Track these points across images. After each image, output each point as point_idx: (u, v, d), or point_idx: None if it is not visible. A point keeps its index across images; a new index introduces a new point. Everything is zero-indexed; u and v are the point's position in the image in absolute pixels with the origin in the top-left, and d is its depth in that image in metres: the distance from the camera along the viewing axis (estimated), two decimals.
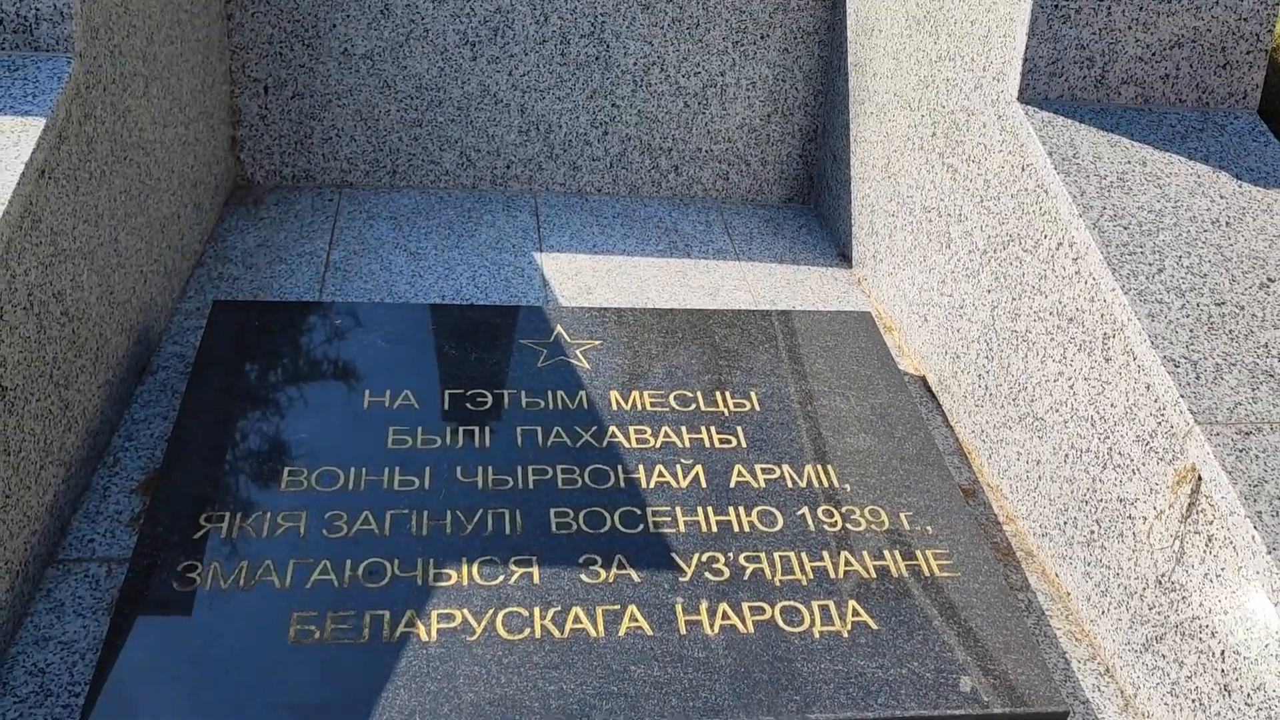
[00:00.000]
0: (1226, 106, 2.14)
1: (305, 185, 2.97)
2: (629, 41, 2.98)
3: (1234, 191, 1.98)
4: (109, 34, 2.00)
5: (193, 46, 2.54)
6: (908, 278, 2.57)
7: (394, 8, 2.86)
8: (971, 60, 2.26)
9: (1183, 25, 2.07)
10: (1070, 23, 2.05)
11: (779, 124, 3.12)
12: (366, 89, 2.92)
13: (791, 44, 3.04)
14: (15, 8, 1.80)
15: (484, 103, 2.98)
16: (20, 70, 1.79)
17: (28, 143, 1.68)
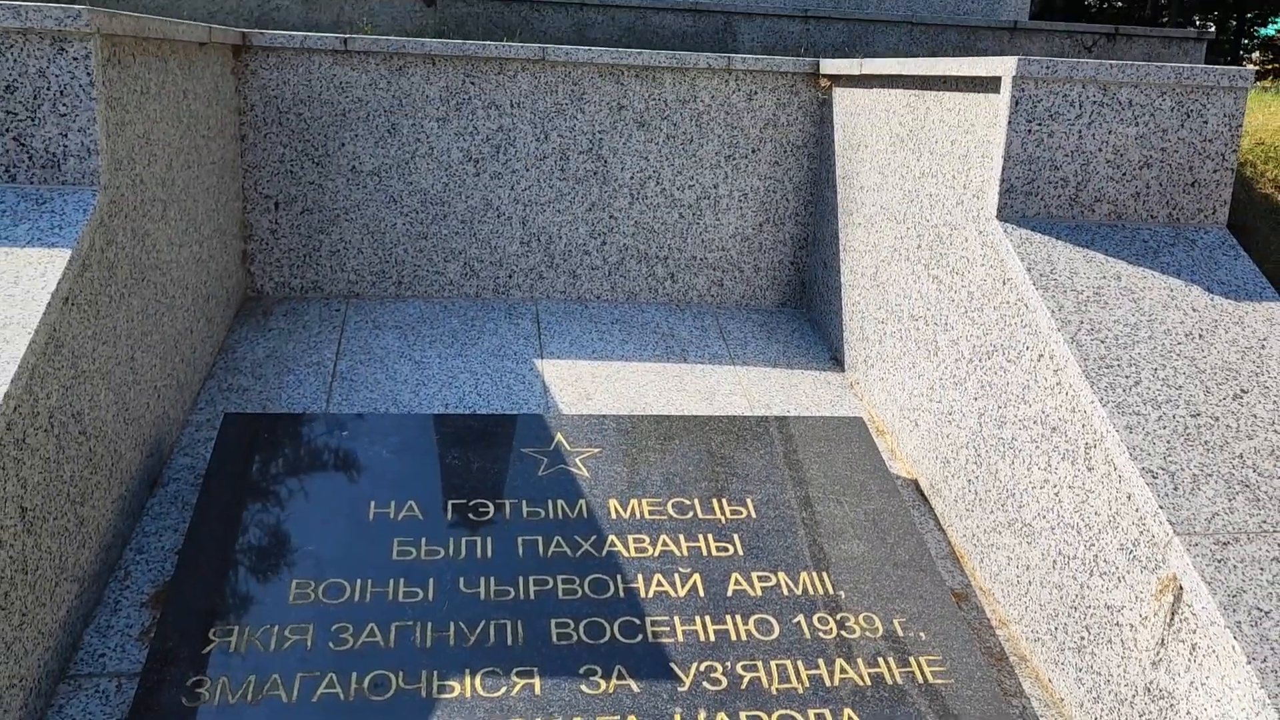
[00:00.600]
0: (1196, 222, 2.24)
1: (313, 296, 3.07)
2: (626, 157, 3.10)
3: (1206, 305, 2.06)
4: (131, 164, 2.11)
5: (208, 168, 2.65)
6: (898, 383, 2.64)
7: (400, 127, 2.99)
8: (953, 178, 2.37)
9: (1151, 147, 2.18)
10: (1044, 146, 2.16)
11: (771, 233, 3.23)
12: (374, 204, 3.03)
13: (782, 158, 3.17)
14: (45, 145, 1.91)
15: (487, 216, 3.09)
16: (48, 203, 1.89)
17: (54, 273, 1.76)
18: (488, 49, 2.98)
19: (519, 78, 3.02)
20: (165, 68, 2.31)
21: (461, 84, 3.00)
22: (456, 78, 2.99)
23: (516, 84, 3.02)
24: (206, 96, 2.63)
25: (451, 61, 2.98)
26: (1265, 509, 1.69)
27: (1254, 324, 2.04)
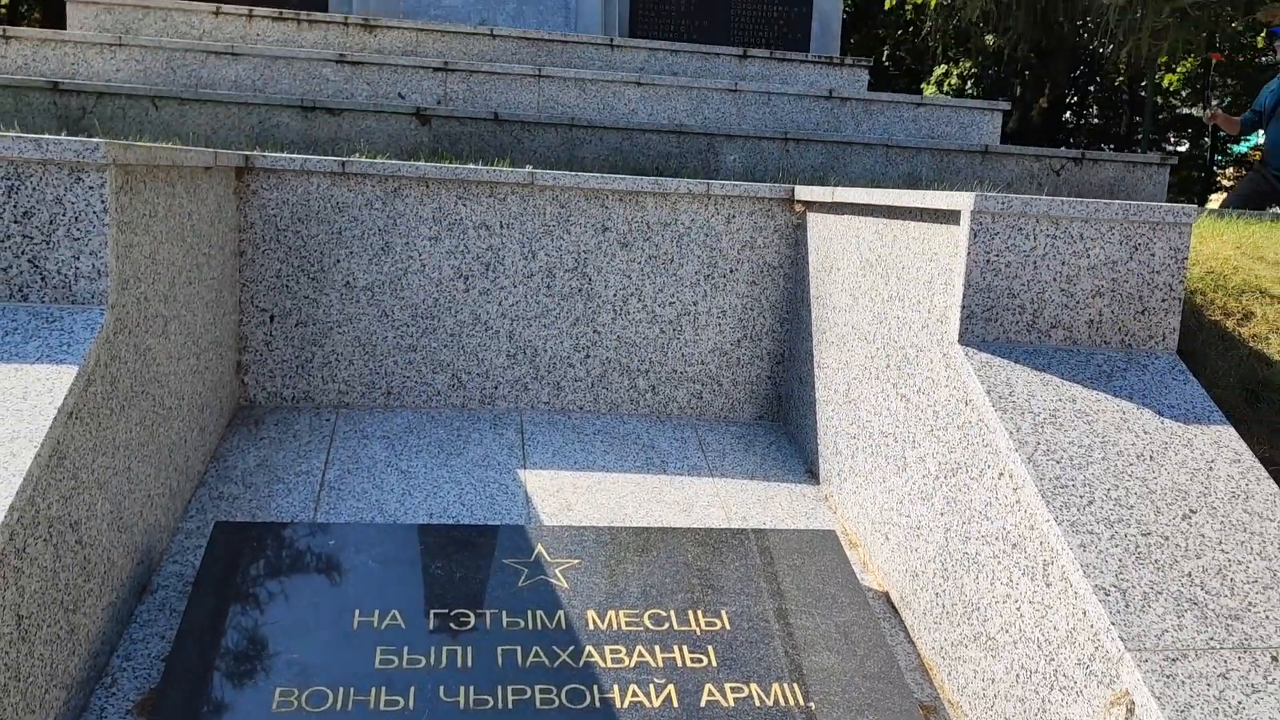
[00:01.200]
0: (1148, 348, 2.37)
1: (304, 406, 3.16)
2: (609, 275, 3.24)
3: (1157, 427, 2.17)
4: (137, 283, 2.22)
5: (208, 283, 2.77)
6: (870, 497, 2.73)
7: (394, 246, 3.13)
8: (918, 302, 2.50)
9: (1102, 277, 2.32)
10: (1001, 275, 2.30)
11: (748, 348, 3.35)
12: (366, 318, 3.15)
13: (759, 277, 3.31)
14: (58, 267, 2.02)
15: (475, 330, 3.21)
16: (58, 321, 1.99)
17: (60, 389, 1.85)
18: (479, 173, 3.13)
19: (509, 200, 3.17)
20: (173, 191, 2.44)
21: (454, 205, 3.15)
22: (449, 199, 3.14)
23: (506, 206, 3.17)
24: (209, 216, 2.76)
25: (445, 184, 3.13)
26: (1212, 626, 1.77)
27: (1202, 446, 2.14)
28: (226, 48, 5.37)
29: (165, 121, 4.83)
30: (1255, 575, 1.88)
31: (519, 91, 5.64)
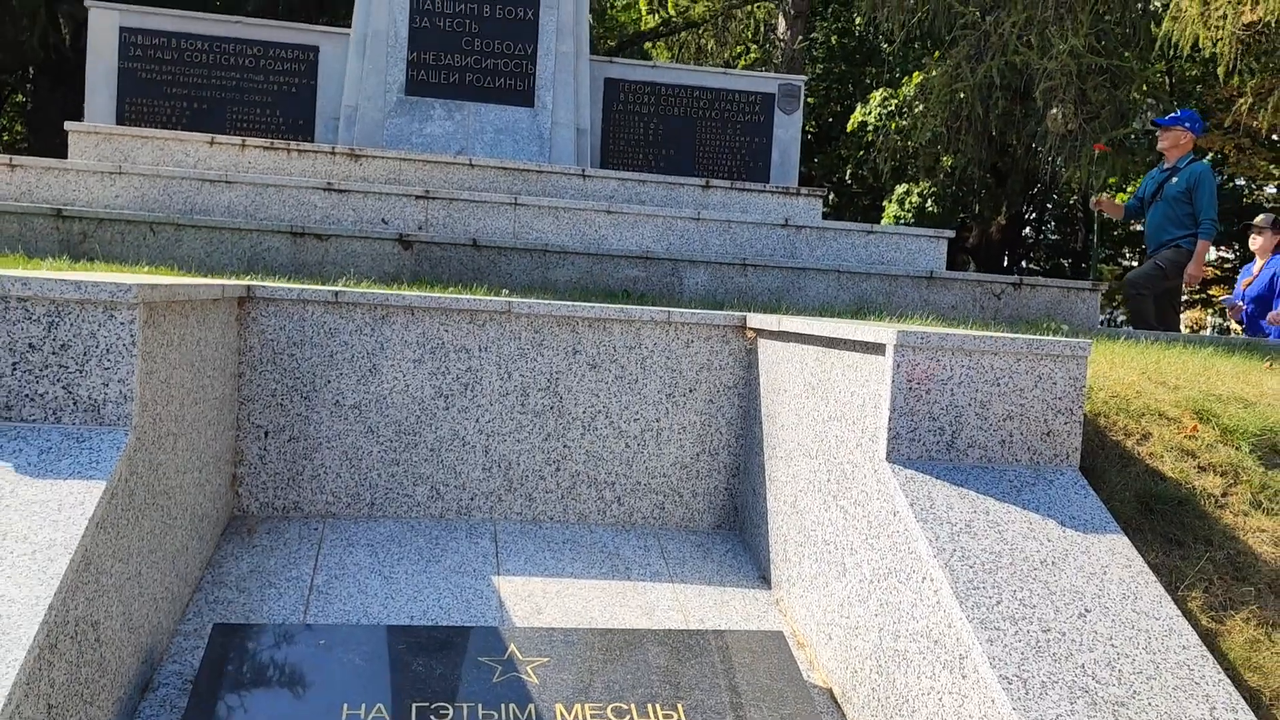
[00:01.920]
0: (1053, 465, 2.67)
1: (294, 516, 3.39)
2: (579, 394, 3.53)
3: (1059, 536, 2.46)
4: (154, 405, 2.49)
5: (211, 403, 3.03)
6: (815, 600, 2.98)
7: (381, 367, 3.41)
8: (853, 423, 2.80)
9: (1011, 403, 2.64)
10: (922, 401, 2.61)
11: (707, 462, 3.63)
12: (353, 434, 3.41)
13: (715, 396, 3.61)
14: (89, 393, 2.29)
15: (453, 445, 3.48)
16: (87, 441, 2.25)
17: (90, 502, 2.10)
18: (460, 302, 3.44)
19: (487, 326, 3.48)
20: (186, 322, 2.73)
21: (436, 330, 3.45)
22: (432, 325, 3.44)
23: (485, 331, 3.48)
24: (214, 342, 3.04)
25: (429, 311, 3.44)
26: (1101, 712, 2.03)
27: (1098, 553, 2.43)
28: (220, 176, 5.73)
29: (162, 246, 5.14)
30: (1140, 667, 2.15)
31: (496, 218, 6.01)
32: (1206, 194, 6.86)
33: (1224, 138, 17.32)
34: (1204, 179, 6.88)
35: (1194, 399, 3.26)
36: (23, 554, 1.97)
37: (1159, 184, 7.09)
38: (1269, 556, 2.69)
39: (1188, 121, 7.14)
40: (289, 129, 8.22)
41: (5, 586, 1.90)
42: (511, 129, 7.71)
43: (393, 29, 7.52)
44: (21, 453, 2.20)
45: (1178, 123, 7.16)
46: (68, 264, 4.61)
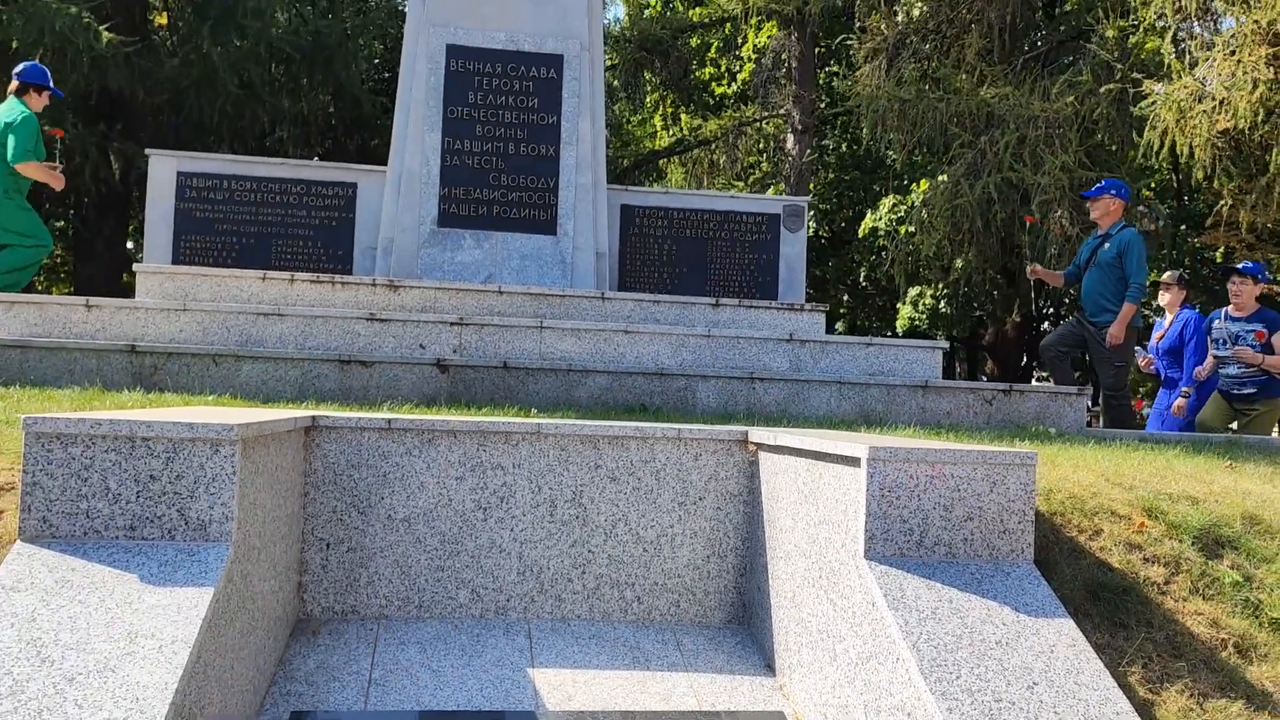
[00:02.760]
0: (1010, 559, 3.10)
1: (352, 618, 3.84)
2: (601, 504, 3.99)
3: (1013, 620, 2.88)
4: (246, 524, 2.97)
5: (284, 520, 3.51)
6: (812, 684, 3.38)
7: (427, 485, 3.89)
8: (838, 525, 3.25)
9: (970, 506, 3.08)
10: (894, 505, 3.05)
11: (716, 564, 4.06)
12: (403, 544, 3.88)
13: (723, 504, 4.06)
14: (198, 515, 2.78)
15: (491, 552, 3.93)
16: (197, 555, 2.73)
17: (202, 605, 2.57)
18: (496, 425, 3.93)
19: (520, 445, 3.96)
20: (268, 451, 3.23)
21: (475, 450, 3.94)
22: (472, 446, 3.93)
23: (518, 450, 3.96)
24: (287, 466, 3.54)
25: (468, 434, 3.93)
26: None
27: (1047, 635, 2.84)
28: (273, 309, 6.31)
29: (223, 375, 5.69)
30: None
31: (524, 340, 6.56)
32: (1135, 259, 7.38)
33: (1227, 234, 17.90)
34: (1133, 245, 7.45)
35: (1145, 498, 3.69)
36: (152, 649, 2.43)
37: (1093, 250, 7.68)
38: (1205, 636, 3.09)
39: (1113, 189, 7.77)
40: (329, 259, 8.88)
41: (140, 675, 2.36)
42: (536, 255, 8.32)
43: (425, 168, 8.21)
44: (145, 565, 2.67)
45: (1103, 192, 7.79)
46: (142, 394, 5.15)
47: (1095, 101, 11.75)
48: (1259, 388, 7.59)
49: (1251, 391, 7.62)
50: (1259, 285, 7.75)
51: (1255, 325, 7.64)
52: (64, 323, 6.06)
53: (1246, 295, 7.75)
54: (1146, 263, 7.57)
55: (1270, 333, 7.57)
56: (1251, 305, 7.76)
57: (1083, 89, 11.81)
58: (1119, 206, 7.67)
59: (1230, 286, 7.86)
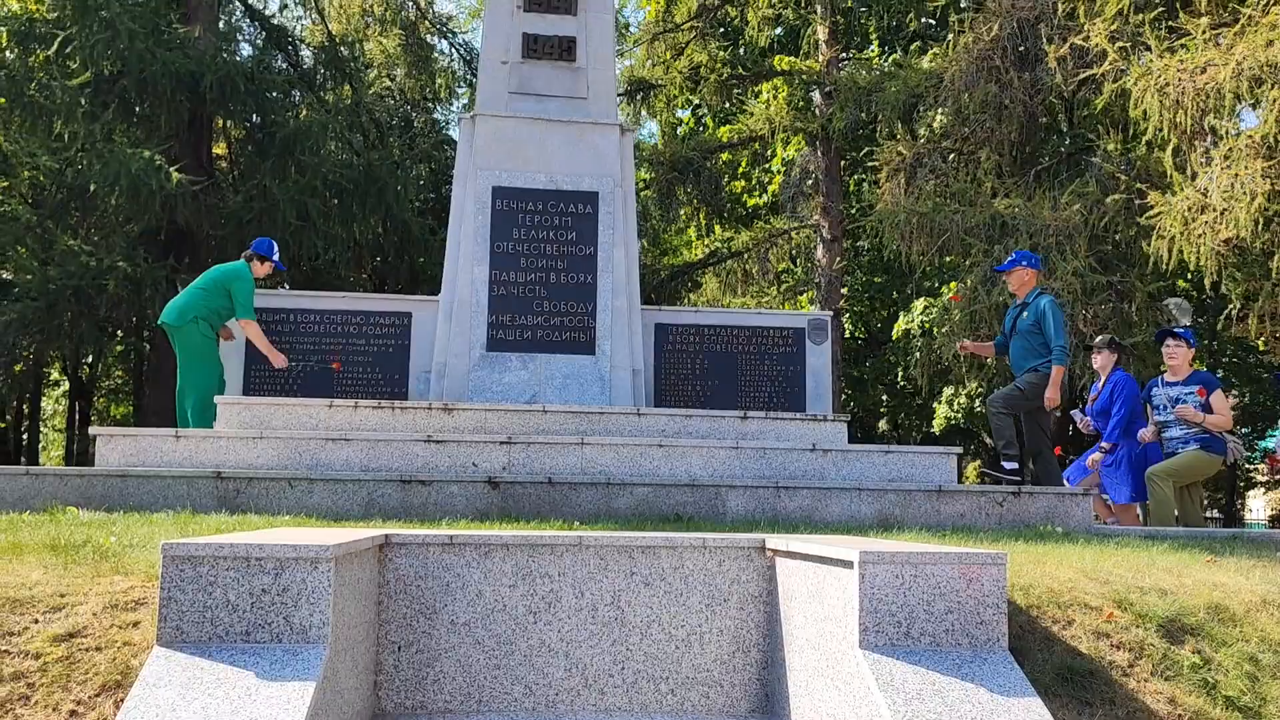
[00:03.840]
0: (987, 647, 3.59)
1: (420, 713, 4.37)
2: (637, 607, 4.52)
3: (988, 700, 3.36)
4: (338, 628, 3.54)
5: (363, 625, 4.08)
6: None
7: (484, 593, 4.45)
8: (839, 620, 3.75)
9: (950, 601, 3.59)
10: (883, 601, 3.57)
11: (741, 658, 4.56)
12: (464, 646, 4.42)
13: (745, 604, 4.58)
14: (300, 621, 3.36)
15: (541, 651, 4.46)
16: (300, 655, 3.31)
17: (306, 697, 3.14)
18: (544, 538, 4.51)
19: (564, 556, 4.52)
20: (352, 566, 3.82)
21: (526, 561, 4.50)
22: (523, 557, 4.50)
23: (562, 560, 4.52)
24: (366, 578, 4.12)
25: (519, 547, 4.50)
26: None
27: (1017, 712, 3.32)
28: (340, 435, 6.98)
29: (298, 497, 6.33)
30: None
31: (566, 456, 7.15)
32: (1051, 323, 7.93)
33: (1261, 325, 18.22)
34: (1047, 310, 8.11)
35: (1118, 591, 4.16)
36: None
37: (1014, 320, 8.28)
38: (1163, 712, 3.54)
39: (1024, 261, 8.45)
40: (387, 383, 9.60)
41: None
42: (577, 374, 8.98)
43: (475, 297, 8.96)
44: (259, 664, 3.25)
45: (1016, 264, 8.51)
46: (228, 516, 5.79)
47: (1103, 211, 12.36)
48: (1201, 445, 8.02)
49: (1195, 448, 8.06)
50: (1191, 350, 8.35)
51: (1194, 386, 8.16)
52: (156, 452, 6.77)
53: (1181, 359, 8.31)
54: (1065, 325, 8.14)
55: (1209, 392, 8.04)
56: (1186, 369, 8.30)
57: (1090, 199, 12.44)
58: (1032, 276, 8.38)
59: (1165, 350, 8.44)
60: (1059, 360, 7.85)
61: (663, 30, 21.27)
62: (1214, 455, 8.12)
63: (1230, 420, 8.15)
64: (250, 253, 9.03)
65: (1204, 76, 11.32)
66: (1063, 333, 7.94)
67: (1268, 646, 4.00)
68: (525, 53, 9.45)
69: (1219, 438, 8.09)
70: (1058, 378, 7.84)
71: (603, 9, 9.68)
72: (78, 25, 16.22)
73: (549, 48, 9.47)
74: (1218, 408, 8.09)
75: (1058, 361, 7.85)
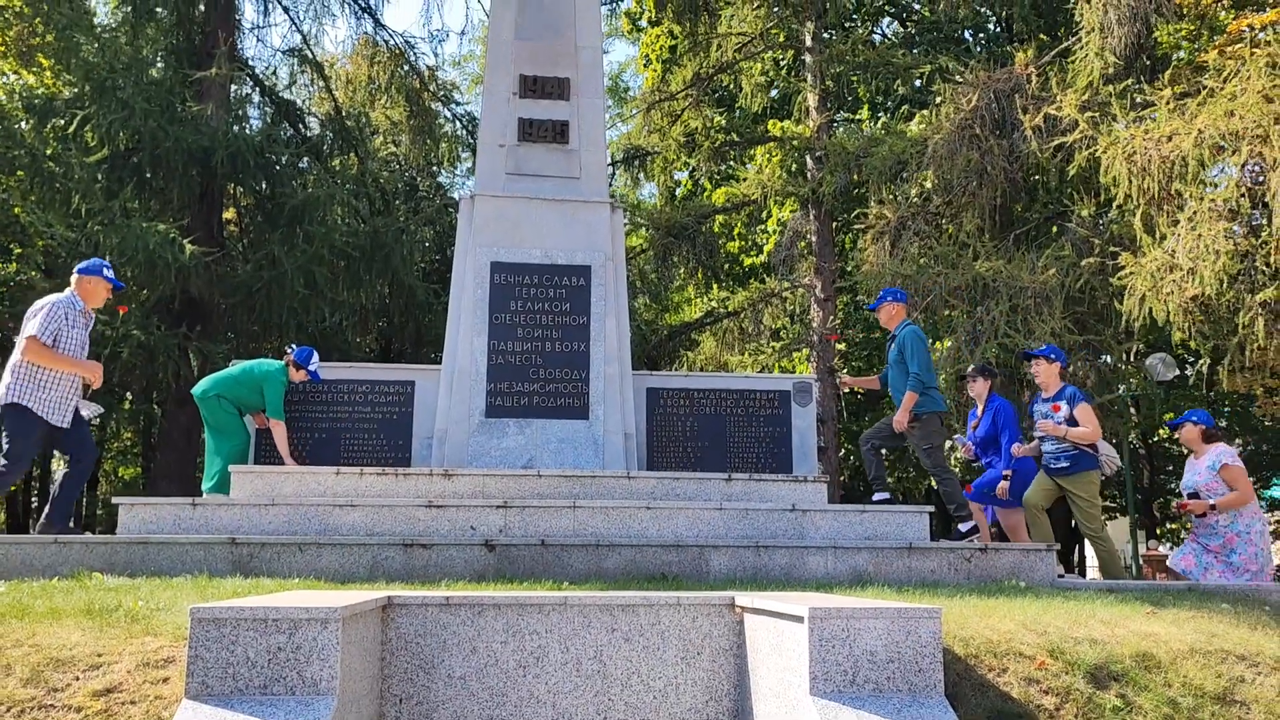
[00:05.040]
0: (924, 693, 4.00)
1: None
2: (617, 660, 4.94)
3: None
4: (346, 681, 3.97)
5: (368, 679, 4.51)
6: None
7: (479, 648, 4.88)
8: (794, 670, 4.17)
9: (892, 651, 4.01)
10: (832, 651, 3.99)
11: (714, 706, 4.96)
12: (460, 697, 4.84)
13: (717, 657, 4.99)
14: (312, 675, 3.79)
15: (530, 701, 4.87)
16: (311, 705, 3.74)
17: None
18: (533, 598, 4.94)
19: (551, 614, 4.96)
20: (358, 624, 4.26)
21: (516, 619, 4.93)
22: (513, 615, 4.93)
23: (549, 618, 4.95)
24: (371, 636, 4.56)
25: (510, 607, 4.93)
26: None
27: None
28: (346, 501, 7.43)
29: (307, 560, 6.77)
30: None
31: (559, 519, 7.59)
32: (911, 353, 8.55)
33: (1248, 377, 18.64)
34: (908, 340, 8.80)
35: (1053, 641, 4.58)
36: None
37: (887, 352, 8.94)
38: None
39: (890, 297, 9.18)
40: (391, 448, 10.05)
41: None
42: (572, 438, 9.44)
43: (474, 366, 9.45)
44: (275, 715, 3.68)
45: (883, 300, 9.38)
46: (242, 580, 6.23)
47: (1078, 273, 12.88)
48: (1071, 461, 8.44)
49: (1065, 465, 8.48)
50: (1054, 365, 8.69)
51: (1057, 400, 8.50)
52: (174, 519, 7.22)
53: (1044, 375, 8.73)
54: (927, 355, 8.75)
55: (1071, 406, 8.38)
56: (1054, 384, 8.66)
57: (1066, 262, 12.97)
58: (900, 309, 9.08)
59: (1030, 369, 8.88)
60: (911, 387, 8.46)
61: (659, 100, 22.02)
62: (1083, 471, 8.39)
63: (1097, 432, 8.39)
64: (291, 358, 9.53)
65: (1169, 145, 11.91)
66: (918, 361, 8.57)
67: (1189, 691, 4.40)
68: (521, 136, 10.04)
69: (1086, 452, 8.40)
70: (908, 404, 8.44)
71: (594, 94, 10.29)
72: (96, 104, 16.93)
73: (544, 131, 10.06)
74: (1082, 420, 8.40)
75: (910, 388, 8.46)
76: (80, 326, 7.46)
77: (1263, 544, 8.08)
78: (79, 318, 7.46)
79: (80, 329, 7.46)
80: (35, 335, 7.17)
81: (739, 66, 21.30)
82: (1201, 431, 8.49)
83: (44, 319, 7.23)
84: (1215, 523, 8.12)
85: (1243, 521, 8.05)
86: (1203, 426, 8.51)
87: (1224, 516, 8.08)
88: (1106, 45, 12.62)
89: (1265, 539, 8.18)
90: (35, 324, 7.19)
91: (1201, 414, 8.63)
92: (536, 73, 10.20)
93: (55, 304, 7.37)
